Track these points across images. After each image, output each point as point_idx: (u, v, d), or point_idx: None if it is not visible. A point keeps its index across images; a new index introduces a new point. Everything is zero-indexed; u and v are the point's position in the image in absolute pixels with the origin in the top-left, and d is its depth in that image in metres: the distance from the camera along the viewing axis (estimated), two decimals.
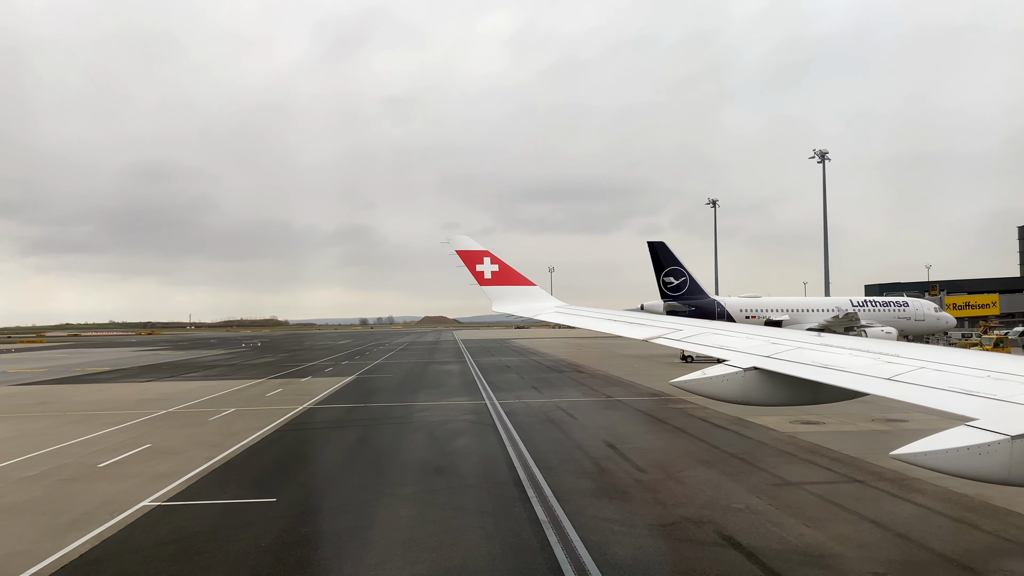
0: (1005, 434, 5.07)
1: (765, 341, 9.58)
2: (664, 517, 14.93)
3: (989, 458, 5.05)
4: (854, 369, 7.54)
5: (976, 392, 6.08)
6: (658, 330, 12.16)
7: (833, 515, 14.98)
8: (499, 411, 31.64)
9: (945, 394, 6.24)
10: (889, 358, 7.70)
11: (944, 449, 5.21)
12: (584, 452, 22.12)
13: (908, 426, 26.56)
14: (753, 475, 18.84)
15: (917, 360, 7.43)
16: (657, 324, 13.04)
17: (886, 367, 7.35)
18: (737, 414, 29.72)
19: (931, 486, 17.27)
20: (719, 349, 9.68)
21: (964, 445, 5.13)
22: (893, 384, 6.80)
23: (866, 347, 8.67)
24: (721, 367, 8.45)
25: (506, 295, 18.36)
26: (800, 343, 9.19)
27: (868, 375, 7.22)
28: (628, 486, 17.72)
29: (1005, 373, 6.51)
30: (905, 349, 8.24)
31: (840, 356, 8.20)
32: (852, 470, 19.24)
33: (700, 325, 12.18)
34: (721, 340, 10.28)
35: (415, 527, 14.38)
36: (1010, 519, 14.56)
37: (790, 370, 7.94)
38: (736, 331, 11.08)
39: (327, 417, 31.19)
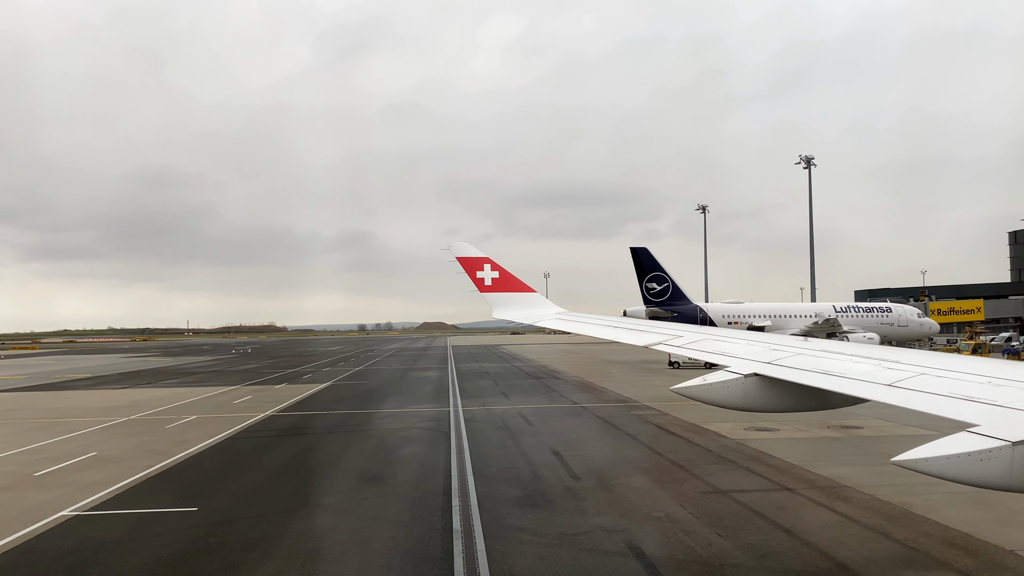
0: (1006, 440, 5.05)
1: (765, 347, 9.58)
2: (579, 526, 14.84)
3: (990, 464, 5.03)
4: (855, 375, 7.52)
5: (977, 398, 6.09)
6: (659, 336, 12.18)
7: (750, 524, 14.88)
8: (460, 418, 31.54)
9: (946, 400, 6.23)
10: (890, 364, 7.69)
11: (945, 455, 5.19)
12: (527, 460, 22.03)
13: (861, 433, 26.50)
14: (686, 483, 18.75)
15: (918, 366, 7.42)
16: (657, 330, 13.07)
17: (887, 373, 7.33)
18: (694, 421, 29.68)
19: (859, 494, 17.21)
20: (720, 355, 9.65)
21: (965, 451, 5.11)
22: (894, 390, 6.79)
23: (867, 353, 8.64)
24: (722, 373, 8.41)
25: (506, 301, 18.39)
26: (800, 349, 9.16)
27: (869, 381, 7.22)
28: (557, 494, 17.62)
29: (1006, 379, 6.50)
30: (906, 355, 8.23)
31: (841, 362, 8.16)
32: (787, 478, 19.15)
33: (700, 331, 12.20)
34: (722, 346, 10.28)
35: (324, 537, 14.29)
36: (924, 527, 14.47)
37: (791, 376, 7.93)
38: (737, 337, 11.08)
39: (284, 424, 31.08)
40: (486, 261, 18.56)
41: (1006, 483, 5.03)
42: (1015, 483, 5.00)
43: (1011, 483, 5.01)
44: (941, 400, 6.23)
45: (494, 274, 18.43)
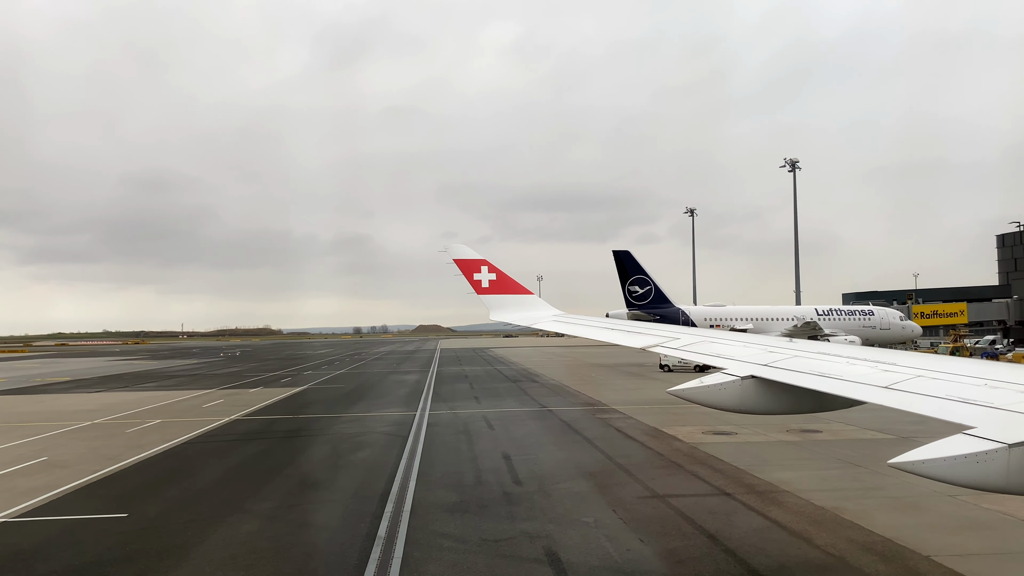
0: (1003, 442, 5.05)
1: (762, 349, 9.56)
2: (505, 532, 14.77)
3: (987, 466, 5.03)
4: (852, 377, 7.53)
5: (973, 400, 6.09)
6: (655, 339, 12.16)
7: (676, 529, 14.83)
8: (423, 423, 31.45)
9: (942, 402, 6.23)
10: (886, 366, 7.69)
11: (942, 457, 5.20)
12: (475, 465, 21.94)
13: (819, 437, 26.47)
14: (627, 487, 18.70)
15: (914, 368, 7.42)
16: (654, 333, 13.06)
17: (884, 375, 7.34)
18: (655, 425, 29.65)
19: (795, 499, 17.18)
20: (716, 357, 9.62)
21: (962, 453, 5.11)
22: (891, 392, 6.79)
23: (863, 355, 8.63)
24: (719, 375, 8.39)
25: (504, 304, 18.37)
26: (797, 351, 9.14)
27: (866, 383, 7.21)
28: (493, 500, 17.54)
29: (1002, 381, 6.51)
30: (902, 358, 8.24)
31: (837, 365, 8.15)
32: (729, 482, 19.10)
33: (697, 333, 12.17)
34: (718, 348, 10.25)
35: (245, 543, 14.20)
36: (848, 533, 14.43)
37: (787, 379, 7.91)
38: (733, 340, 11.06)
39: (245, 429, 30.95)
40: (483, 263, 18.53)
41: (1003, 485, 5.04)
42: (1011, 485, 5.01)
43: (1007, 485, 5.02)
44: (937, 402, 6.25)
45: (491, 276, 18.40)
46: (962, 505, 16.45)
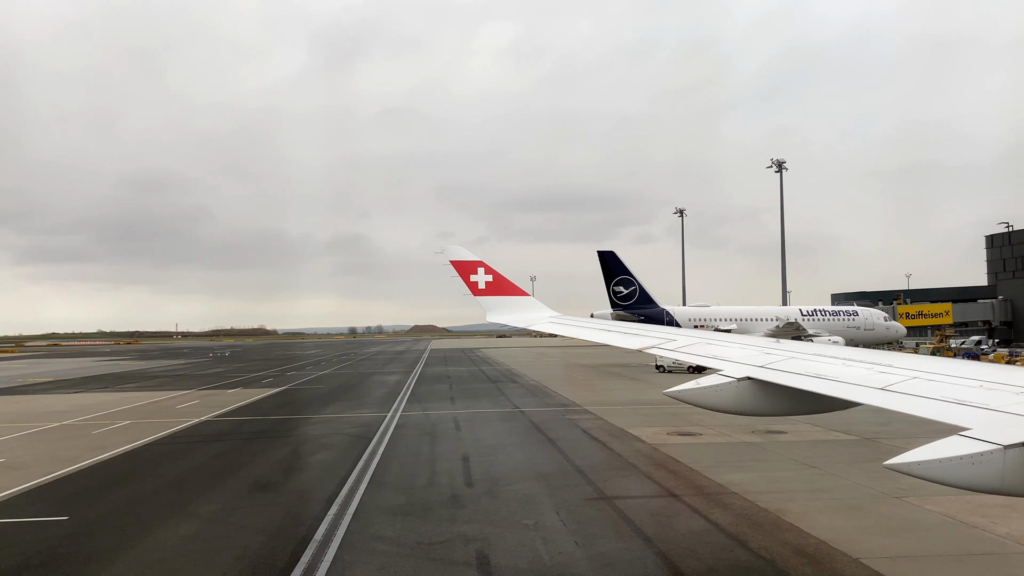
0: (998, 444, 5.04)
1: (759, 351, 9.55)
2: (442, 535, 14.70)
3: (982, 468, 5.03)
4: (848, 379, 7.53)
5: (969, 402, 6.11)
6: (652, 340, 12.14)
7: (614, 532, 14.77)
8: (391, 424, 31.36)
9: (938, 404, 6.24)
10: (882, 368, 7.70)
11: (938, 459, 5.19)
12: (431, 467, 21.87)
13: (784, 438, 26.47)
14: (577, 489, 18.64)
15: (910, 370, 7.43)
16: (651, 334, 13.05)
17: (879, 377, 7.34)
18: (622, 425, 29.62)
19: (740, 501, 17.14)
20: (713, 359, 9.60)
21: (957, 455, 5.10)
22: (886, 394, 6.81)
23: (860, 357, 8.65)
24: (716, 377, 8.39)
25: (500, 305, 18.35)
26: (793, 353, 9.13)
27: (862, 385, 7.21)
28: (439, 502, 17.46)
29: (997, 383, 6.52)
30: (898, 359, 8.25)
31: (834, 366, 8.15)
32: (679, 484, 19.06)
33: (693, 335, 12.14)
34: (714, 350, 10.24)
35: (178, 547, 14.10)
36: (785, 535, 14.38)
37: (783, 380, 7.92)
38: (730, 341, 11.03)
39: (212, 430, 30.83)
40: (480, 265, 18.49)
41: (998, 486, 5.04)
42: (1007, 486, 5.02)
43: (1003, 486, 5.03)
44: (933, 404, 6.26)
45: (488, 278, 18.36)
46: (906, 507, 16.44)
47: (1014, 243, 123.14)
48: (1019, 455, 4.96)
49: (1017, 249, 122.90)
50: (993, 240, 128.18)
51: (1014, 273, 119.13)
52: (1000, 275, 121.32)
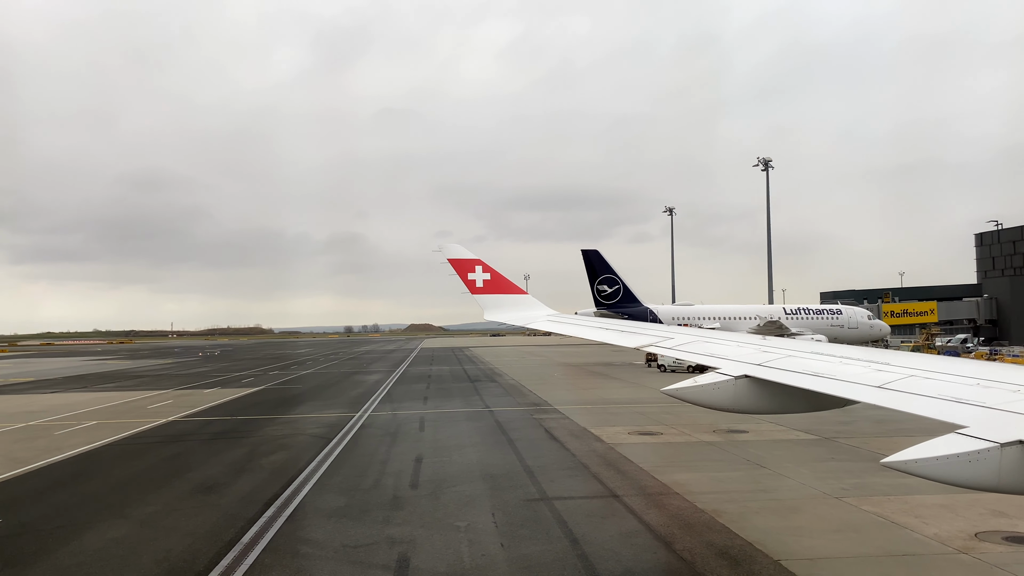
0: (995, 442, 5.05)
1: (756, 349, 9.54)
2: (370, 537, 14.64)
3: (979, 466, 5.04)
4: (845, 377, 7.51)
5: (966, 400, 6.08)
6: (649, 338, 12.13)
7: (544, 533, 14.71)
8: (356, 424, 31.28)
9: (935, 402, 6.22)
10: (879, 366, 7.69)
11: (935, 457, 5.18)
12: (382, 468, 21.79)
13: (743, 437, 26.47)
14: (520, 490, 18.58)
15: (907, 368, 7.42)
16: (648, 332, 13.01)
17: (877, 375, 7.33)
18: (585, 425, 29.56)
19: (680, 502, 17.10)
20: (710, 357, 9.59)
21: (954, 453, 5.12)
22: (883, 392, 6.79)
23: (857, 355, 8.65)
24: (713, 375, 8.40)
25: (498, 304, 18.30)
26: (791, 351, 9.12)
27: (859, 383, 7.21)
28: (380, 504, 17.39)
29: (994, 381, 6.51)
30: (896, 357, 8.24)
31: (831, 364, 8.15)
32: (624, 484, 19.00)
33: (691, 333, 12.12)
34: (712, 348, 10.24)
35: (101, 551, 14.03)
36: (714, 537, 14.34)
37: (780, 378, 7.91)
38: (727, 339, 11.03)
39: (176, 431, 30.73)
40: (477, 263, 18.44)
41: (994, 484, 5.04)
42: (1003, 484, 5.01)
43: (999, 484, 5.02)
44: (930, 402, 6.24)
45: (485, 276, 18.31)
46: (843, 508, 16.42)
47: (1003, 241, 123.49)
48: (1015, 453, 4.98)
49: (1006, 247, 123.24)
50: (983, 238, 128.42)
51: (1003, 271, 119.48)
52: (990, 273, 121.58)
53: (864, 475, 19.66)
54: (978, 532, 14.29)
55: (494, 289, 18.35)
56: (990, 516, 15.43)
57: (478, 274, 18.28)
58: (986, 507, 16.07)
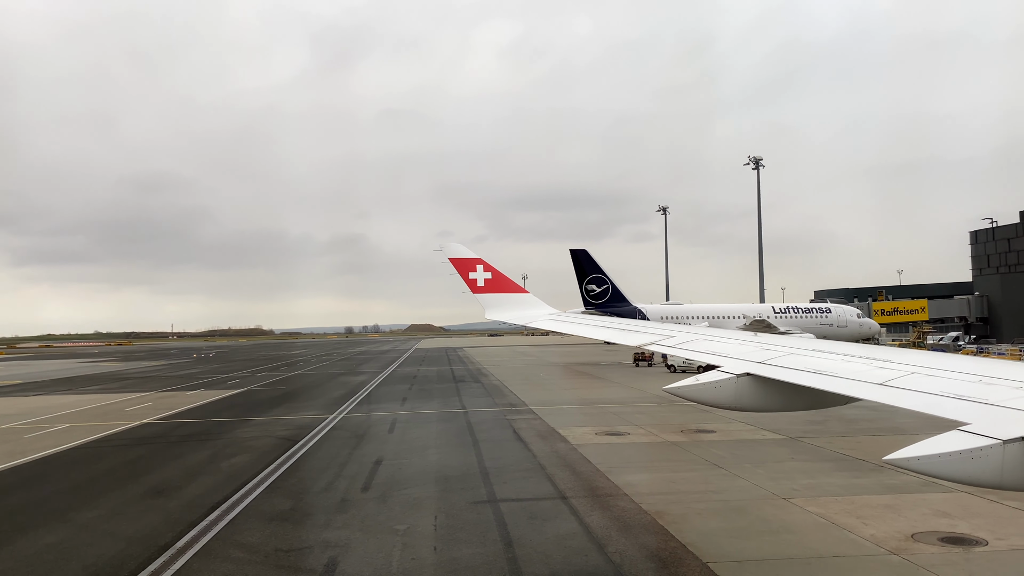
0: (997, 438, 5.05)
1: (757, 347, 9.52)
2: (305, 541, 14.58)
3: (981, 462, 5.04)
4: (847, 375, 7.48)
5: (968, 397, 6.08)
6: (650, 337, 12.13)
7: (481, 536, 14.63)
8: (328, 426, 31.20)
9: (937, 399, 6.21)
10: (881, 363, 7.67)
11: (937, 454, 5.17)
12: (339, 470, 21.71)
13: (710, 437, 26.33)
14: (470, 492, 18.50)
15: (909, 365, 7.41)
16: (649, 331, 13.00)
17: (879, 372, 7.32)
18: (555, 426, 29.46)
19: (626, 503, 17.01)
20: (712, 355, 9.56)
21: (957, 449, 5.12)
22: (886, 389, 6.78)
23: (859, 352, 8.64)
24: (715, 373, 8.40)
25: (499, 303, 18.27)
26: (792, 349, 9.10)
27: (861, 380, 7.20)
28: (326, 507, 17.30)
29: (996, 378, 6.49)
30: (897, 354, 8.24)
31: (833, 361, 8.12)
32: (576, 486, 18.91)
33: (692, 332, 12.09)
34: (713, 346, 10.22)
35: (32, 556, 13.95)
36: (649, 539, 14.26)
37: (782, 376, 7.88)
38: (729, 337, 11.01)
39: (145, 433, 30.66)
40: (479, 262, 18.41)
41: (997, 481, 5.04)
42: (1006, 481, 5.02)
43: (1002, 481, 5.03)
44: (933, 399, 6.24)
45: (487, 275, 18.28)
46: (788, 508, 16.33)
47: (997, 239, 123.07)
48: (1018, 449, 4.97)
49: (1000, 245, 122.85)
50: (977, 236, 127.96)
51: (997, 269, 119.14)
52: (984, 271, 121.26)
53: (819, 476, 19.58)
54: (916, 533, 14.20)
55: (496, 288, 18.33)
56: (933, 517, 15.35)
57: (479, 273, 18.26)
58: (931, 508, 16.01)
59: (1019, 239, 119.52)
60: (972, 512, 15.61)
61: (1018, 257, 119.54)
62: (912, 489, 17.70)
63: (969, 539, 13.79)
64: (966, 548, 13.31)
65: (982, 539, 13.76)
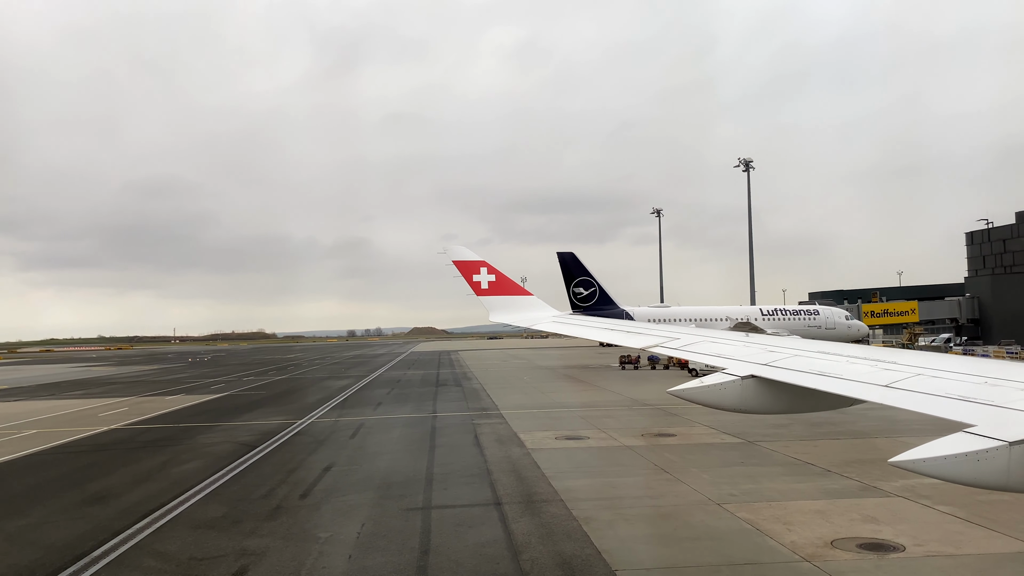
0: (1003, 440, 5.03)
1: (762, 349, 9.51)
2: (222, 549, 14.49)
3: (987, 464, 5.02)
4: (851, 376, 7.47)
5: (973, 398, 6.06)
6: (655, 339, 12.13)
7: (401, 545, 14.54)
8: (291, 431, 31.12)
9: (942, 400, 6.19)
10: (886, 365, 7.66)
11: (943, 456, 5.16)
12: (286, 477, 21.63)
13: (671, 441, 26.23)
14: (407, 498, 18.41)
15: (914, 367, 7.39)
16: (653, 333, 13.00)
17: (883, 374, 7.30)
18: (518, 430, 29.36)
19: (557, 509, 16.93)
20: (716, 357, 9.57)
21: (962, 452, 5.10)
22: (890, 391, 6.76)
23: (863, 354, 8.62)
24: (719, 375, 8.37)
25: (503, 305, 18.31)
26: (797, 351, 9.08)
27: (865, 382, 7.18)
28: (257, 515, 17.20)
29: (1002, 379, 6.46)
30: (902, 356, 8.23)
31: (837, 363, 8.12)
32: (515, 492, 18.80)
33: (697, 333, 12.08)
34: (718, 348, 10.21)
35: None
36: (567, 546, 14.15)
37: (787, 378, 7.87)
38: (733, 339, 10.98)
39: (108, 439, 30.63)
40: (483, 264, 18.42)
41: (1003, 483, 5.01)
42: (1012, 483, 5.00)
43: (1008, 483, 5.01)
44: (938, 400, 6.22)
45: (491, 278, 18.28)
46: (717, 514, 16.24)
47: (993, 240, 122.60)
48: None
49: (996, 246, 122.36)
50: (973, 237, 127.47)
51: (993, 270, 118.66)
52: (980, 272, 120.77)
53: (763, 480, 19.44)
54: (837, 539, 14.06)
55: (499, 291, 18.32)
56: (860, 523, 15.21)
57: (483, 276, 18.25)
58: (862, 513, 15.88)
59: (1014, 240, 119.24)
60: (901, 518, 15.48)
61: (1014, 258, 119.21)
62: (850, 495, 17.59)
63: (888, 545, 13.66)
64: (881, 554, 13.18)
65: (900, 545, 13.63)
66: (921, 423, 6.95)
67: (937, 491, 17.54)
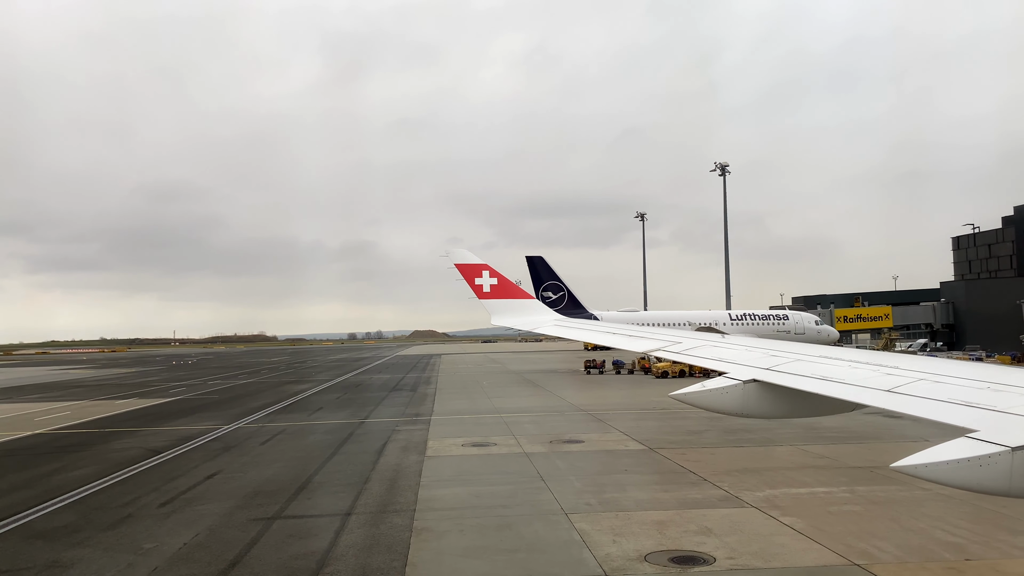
0: (1005, 446, 4.99)
1: (764, 353, 9.47)
2: (30, 562, 14.39)
3: (990, 470, 4.98)
4: (854, 381, 7.45)
5: (976, 404, 6.04)
6: (657, 343, 12.11)
7: (219, 555, 14.39)
8: (209, 436, 30.99)
9: (945, 405, 6.17)
10: (888, 370, 7.65)
11: (945, 461, 5.13)
12: (161, 484, 21.45)
13: (574, 448, 26.05)
14: (272, 506, 18.32)
15: (916, 372, 7.37)
16: (656, 337, 12.96)
17: (886, 379, 7.29)
18: (432, 438, 29.11)
19: (405, 520, 16.71)
20: (718, 361, 9.51)
21: (965, 457, 5.06)
22: (893, 396, 6.76)
23: (866, 359, 8.61)
24: (722, 379, 8.32)
25: (505, 308, 18.27)
26: (799, 355, 9.04)
27: (868, 387, 7.17)
28: (101, 524, 17.02)
29: (1004, 384, 6.45)
30: (905, 361, 8.21)
31: (840, 368, 8.11)
32: (378, 501, 18.66)
33: (699, 337, 12.00)
34: (720, 352, 10.16)
35: None
36: (380, 559, 14.00)
37: (789, 382, 7.86)
38: (736, 344, 10.94)
39: (19, 445, 30.59)
40: (485, 268, 18.41)
41: (1005, 488, 4.96)
42: (1015, 488, 4.93)
43: (1011, 488, 4.94)
44: (940, 405, 6.19)
45: (492, 281, 18.24)
46: (557, 525, 16.01)
47: (979, 244, 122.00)
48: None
49: (982, 251, 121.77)
50: (959, 242, 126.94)
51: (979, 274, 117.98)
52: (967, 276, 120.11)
53: (631, 489, 19.20)
54: (653, 552, 13.81)
55: (501, 294, 18.23)
56: (693, 535, 14.96)
57: (485, 279, 18.20)
58: (701, 524, 15.65)
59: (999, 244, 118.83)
60: (737, 529, 15.23)
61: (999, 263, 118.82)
62: (706, 505, 17.34)
63: (700, 558, 13.42)
64: (684, 568, 12.94)
65: (712, 558, 13.39)
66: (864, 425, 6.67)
67: (797, 503, 17.35)
